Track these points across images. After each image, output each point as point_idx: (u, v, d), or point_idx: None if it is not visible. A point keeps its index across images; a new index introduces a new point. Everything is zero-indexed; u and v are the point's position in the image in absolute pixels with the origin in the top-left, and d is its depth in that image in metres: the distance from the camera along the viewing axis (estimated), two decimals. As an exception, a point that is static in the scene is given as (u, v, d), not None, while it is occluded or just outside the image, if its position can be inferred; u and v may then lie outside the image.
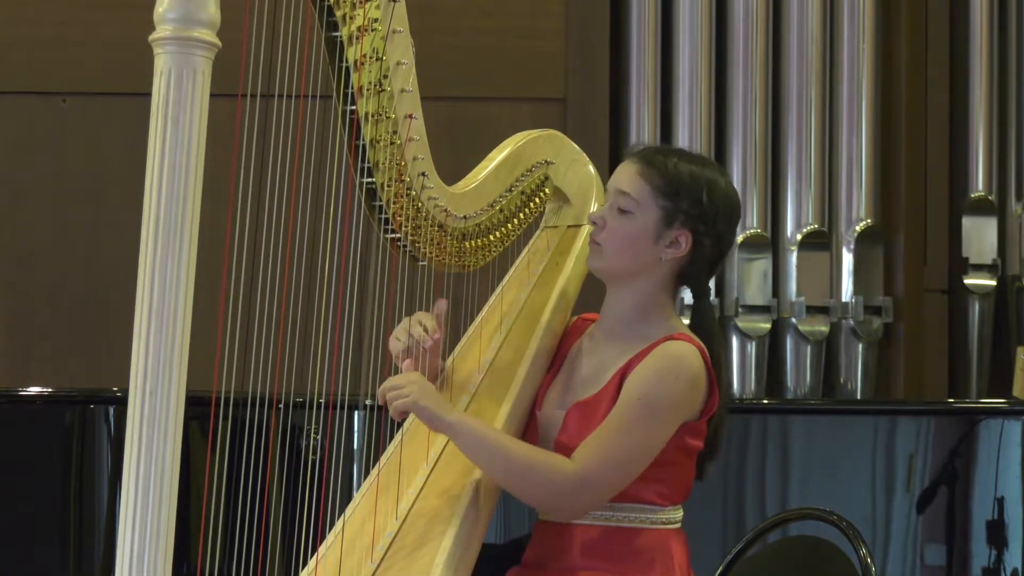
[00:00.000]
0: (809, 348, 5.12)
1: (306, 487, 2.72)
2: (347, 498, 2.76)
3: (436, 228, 2.83)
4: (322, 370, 2.61)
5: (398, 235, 2.77)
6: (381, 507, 2.67)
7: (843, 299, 5.16)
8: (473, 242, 2.94)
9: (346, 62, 2.59)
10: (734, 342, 5.11)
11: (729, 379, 5.03)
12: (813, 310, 5.14)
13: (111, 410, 3.93)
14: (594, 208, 3.02)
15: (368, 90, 2.62)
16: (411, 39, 2.67)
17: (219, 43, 2.13)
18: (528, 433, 2.81)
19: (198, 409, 2.45)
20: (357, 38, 2.58)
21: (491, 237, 2.98)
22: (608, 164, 4.54)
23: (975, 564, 4.03)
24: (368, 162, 2.66)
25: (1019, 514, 4.01)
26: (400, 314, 2.81)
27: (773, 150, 5.20)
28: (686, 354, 2.69)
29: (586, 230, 2.98)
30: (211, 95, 2.14)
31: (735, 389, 5.08)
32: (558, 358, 2.91)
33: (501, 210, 2.98)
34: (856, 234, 5.15)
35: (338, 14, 2.56)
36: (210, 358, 2.34)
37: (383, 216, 2.74)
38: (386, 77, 2.63)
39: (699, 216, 2.73)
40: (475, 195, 2.89)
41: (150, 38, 2.13)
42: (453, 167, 2.93)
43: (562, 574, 2.71)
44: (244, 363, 2.49)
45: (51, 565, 3.95)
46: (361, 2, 2.56)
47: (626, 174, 2.78)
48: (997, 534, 4.02)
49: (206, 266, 2.22)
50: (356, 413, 3.82)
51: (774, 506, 3.98)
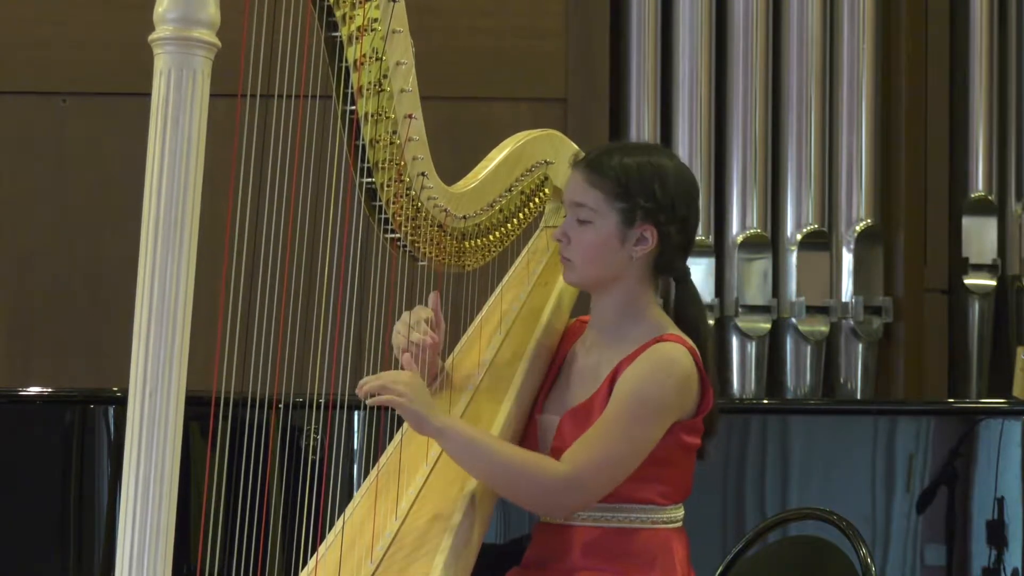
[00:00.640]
0: (809, 348, 5.11)
1: (306, 487, 2.71)
2: (347, 498, 2.75)
3: (436, 228, 2.83)
4: (322, 370, 2.61)
5: (398, 235, 2.76)
6: (381, 507, 2.67)
7: (843, 299, 5.15)
8: (473, 242, 2.94)
9: (346, 62, 2.59)
10: (734, 342, 5.11)
11: (722, 375, 5.03)
12: (813, 310, 5.13)
13: (111, 410, 3.93)
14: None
15: (368, 90, 2.62)
16: (411, 39, 2.67)
17: (219, 43, 2.13)
18: (528, 437, 2.81)
19: (198, 409, 2.45)
20: (357, 38, 2.57)
21: (491, 237, 2.98)
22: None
23: (975, 564, 4.03)
24: (368, 162, 2.66)
25: (1019, 514, 4.01)
26: (400, 314, 2.81)
27: (773, 150, 5.19)
28: (676, 354, 2.69)
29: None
30: (211, 95, 2.14)
31: (735, 389, 5.08)
32: (557, 359, 2.91)
33: (501, 210, 2.98)
34: (856, 234, 5.15)
35: (338, 14, 2.56)
36: (210, 358, 2.34)
37: (383, 216, 2.74)
38: (386, 77, 2.63)
39: (657, 208, 2.73)
40: (475, 195, 2.89)
41: (150, 38, 2.12)
42: (453, 167, 2.93)
43: (563, 574, 2.71)
44: (244, 363, 2.49)
45: (51, 565, 3.95)
46: (361, 2, 2.56)
47: (577, 185, 2.78)
48: (997, 534, 4.02)
49: (206, 266, 2.22)
50: (356, 413, 3.82)
51: (774, 506, 3.98)
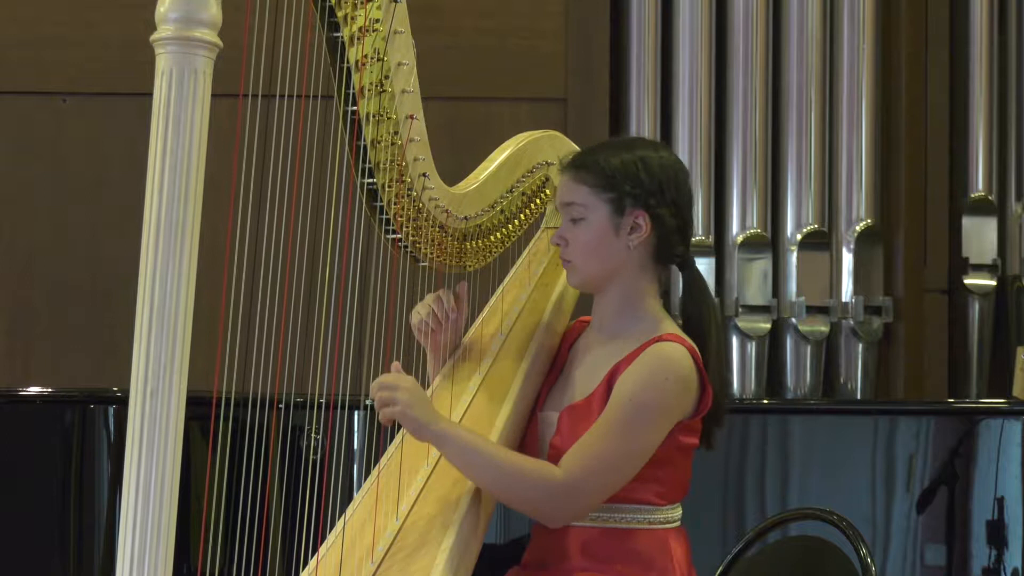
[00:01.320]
0: (809, 348, 5.11)
1: (306, 488, 2.71)
2: (347, 499, 2.75)
3: (437, 229, 2.83)
4: (323, 370, 2.61)
5: (399, 236, 2.76)
6: (381, 508, 2.66)
7: (843, 299, 5.15)
8: (474, 243, 2.94)
9: (347, 63, 2.59)
10: (734, 342, 5.11)
11: (729, 369, 5.03)
12: (813, 310, 5.13)
13: (111, 410, 3.93)
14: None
15: (369, 91, 2.62)
16: (412, 40, 2.66)
17: (220, 43, 2.13)
18: (529, 434, 2.81)
19: (199, 410, 2.44)
20: (358, 39, 2.57)
21: (492, 238, 2.98)
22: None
23: (975, 564, 4.03)
24: (369, 163, 2.66)
25: (1019, 514, 4.02)
26: (401, 315, 2.81)
27: (773, 150, 5.19)
28: (676, 355, 2.68)
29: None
30: (212, 95, 2.14)
31: (735, 389, 5.08)
32: (559, 359, 2.91)
33: (502, 211, 2.98)
34: (856, 234, 5.14)
35: (339, 15, 2.56)
36: (211, 359, 2.34)
37: (384, 217, 2.74)
38: (387, 78, 2.63)
39: (645, 192, 2.73)
40: (476, 196, 2.89)
41: (151, 38, 2.12)
42: (454, 168, 2.93)
43: (561, 575, 2.71)
44: (245, 364, 2.49)
45: (51, 566, 3.95)
46: (363, 3, 2.56)
47: (563, 187, 2.80)
48: (997, 534, 4.02)
49: (207, 267, 2.22)
50: (356, 413, 3.82)
51: (774, 506, 3.98)
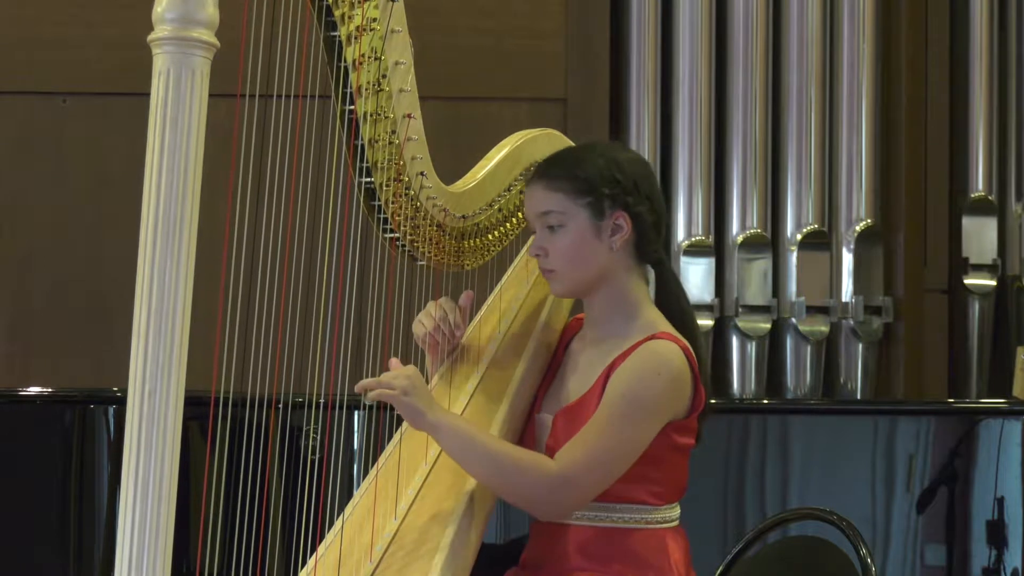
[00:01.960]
0: (809, 348, 5.11)
1: (305, 487, 2.72)
2: (346, 498, 2.76)
3: (435, 228, 2.83)
4: (321, 369, 2.61)
5: (397, 235, 2.77)
6: (380, 507, 2.67)
7: (843, 299, 5.15)
8: (472, 241, 2.94)
9: (345, 62, 2.59)
10: (734, 342, 5.11)
11: (722, 375, 5.03)
12: (813, 310, 5.13)
13: (111, 410, 3.93)
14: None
15: (367, 90, 2.62)
16: (410, 39, 2.66)
17: (217, 43, 2.13)
18: (526, 435, 2.82)
19: (197, 409, 2.45)
20: (356, 38, 2.57)
21: (490, 236, 2.98)
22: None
23: (975, 564, 4.03)
24: (367, 162, 2.66)
25: (1019, 514, 4.01)
26: (399, 313, 2.81)
27: (773, 150, 5.19)
28: (669, 353, 2.69)
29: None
30: (210, 95, 2.14)
31: (735, 389, 5.08)
32: (555, 359, 2.91)
33: (500, 209, 2.98)
34: (856, 234, 5.14)
35: (336, 14, 2.56)
36: (209, 358, 2.34)
37: (382, 216, 2.74)
38: (384, 77, 2.63)
39: (623, 192, 2.74)
40: (474, 194, 2.89)
41: (148, 38, 2.12)
42: (453, 167, 2.93)
43: (559, 575, 2.71)
44: (243, 363, 2.49)
45: (51, 565, 3.95)
46: (360, 2, 2.56)
47: (537, 196, 2.78)
48: (997, 534, 4.02)
49: (205, 266, 2.22)
50: (356, 413, 3.82)
51: (774, 506, 3.98)
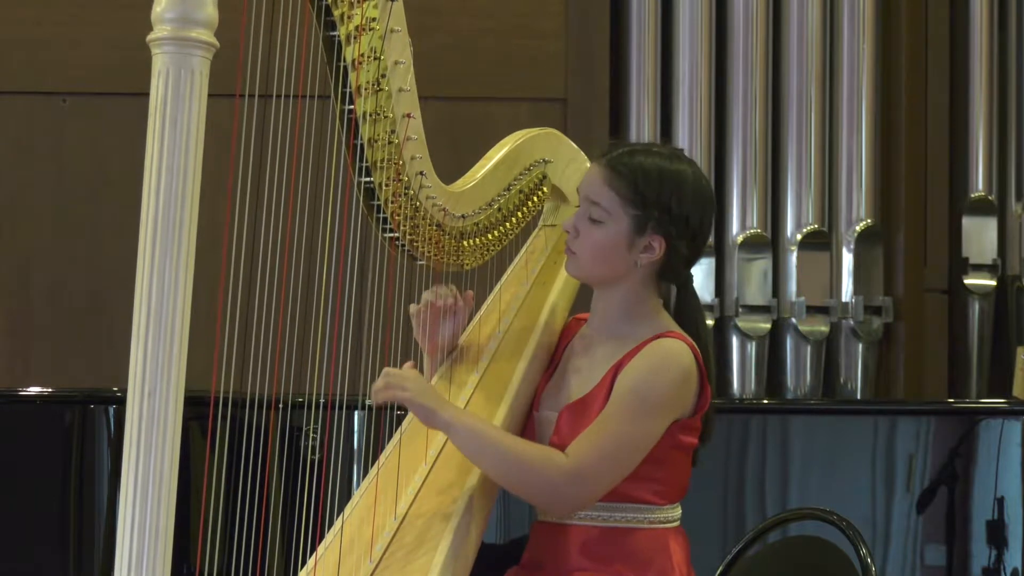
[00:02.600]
0: (809, 348, 5.12)
1: (305, 487, 2.72)
2: (346, 498, 2.75)
3: (434, 227, 2.83)
4: (321, 369, 2.61)
5: (396, 234, 2.76)
6: (380, 507, 2.67)
7: (843, 299, 5.15)
8: (471, 241, 2.94)
9: (344, 61, 2.59)
10: (734, 342, 5.11)
11: (722, 375, 5.03)
12: (813, 310, 5.14)
13: (111, 410, 3.93)
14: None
15: (366, 89, 2.62)
16: (409, 38, 2.66)
17: (217, 43, 2.13)
18: (526, 434, 2.81)
19: (197, 409, 2.45)
20: (355, 37, 2.57)
21: (489, 236, 2.98)
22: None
23: (975, 564, 4.03)
24: (366, 161, 2.66)
25: (1019, 514, 4.01)
26: (399, 313, 2.81)
27: (773, 150, 5.19)
28: (677, 350, 2.69)
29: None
30: (209, 95, 2.14)
31: (735, 389, 5.08)
32: (555, 358, 2.91)
33: (499, 209, 2.98)
34: (856, 234, 5.15)
35: (336, 13, 2.55)
36: (209, 358, 2.34)
37: (381, 215, 2.74)
38: (384, 76, 2.63)
39: (670, 221, 2.71)
40: (473, 194, 2.89)
41: (148, 38, 2.12)
42: (453, 167, 2.93)
43: (560, 575, 2.71)
44: (243, 363, 2.49)
45: (51, 565, 3.95)
46: (359, 1, 2.56)
47: (594, 182, 2.75)
48: (997, 534, 4.02)
49: (205, 266, 2.22)
50: (355, 413, 3.82)
51: (774, 506, 3.98)
